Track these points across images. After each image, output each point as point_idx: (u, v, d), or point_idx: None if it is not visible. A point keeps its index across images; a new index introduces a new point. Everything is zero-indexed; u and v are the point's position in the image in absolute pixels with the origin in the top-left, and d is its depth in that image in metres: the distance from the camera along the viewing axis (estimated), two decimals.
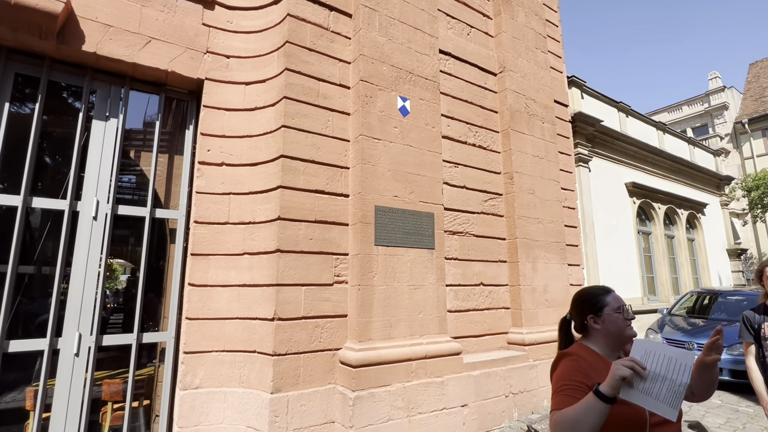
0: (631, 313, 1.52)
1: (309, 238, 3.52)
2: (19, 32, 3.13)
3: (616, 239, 8.58)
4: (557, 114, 5.98)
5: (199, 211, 3.59)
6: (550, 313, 4.91)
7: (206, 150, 3.71)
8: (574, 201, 6.07)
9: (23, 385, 3.22)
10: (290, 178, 3.51)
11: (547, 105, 5.62)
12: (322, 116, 3.78)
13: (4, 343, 3.00)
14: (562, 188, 5.69)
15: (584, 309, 1.55)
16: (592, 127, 8.04)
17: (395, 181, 3.90)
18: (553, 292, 5.02)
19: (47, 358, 3.10)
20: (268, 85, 3.81)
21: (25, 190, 3.18)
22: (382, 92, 3.99)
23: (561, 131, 6.05)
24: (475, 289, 4.55)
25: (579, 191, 7.73)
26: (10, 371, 3.10)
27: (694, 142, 12.49)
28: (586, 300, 1.56)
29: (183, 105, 4.01)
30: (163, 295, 3.77)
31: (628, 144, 9.19)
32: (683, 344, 6.04)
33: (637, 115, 10.04)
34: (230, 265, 3.57)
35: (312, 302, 3.45)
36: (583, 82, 8.40)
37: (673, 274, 10.50)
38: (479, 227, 4.71)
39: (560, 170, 5.73)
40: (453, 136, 4.68)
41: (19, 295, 3.16)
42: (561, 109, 6.18)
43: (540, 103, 5.53)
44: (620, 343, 1.49)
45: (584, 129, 7.97)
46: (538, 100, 5.51)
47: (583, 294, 1.59)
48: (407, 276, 3.81)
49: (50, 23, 3.13)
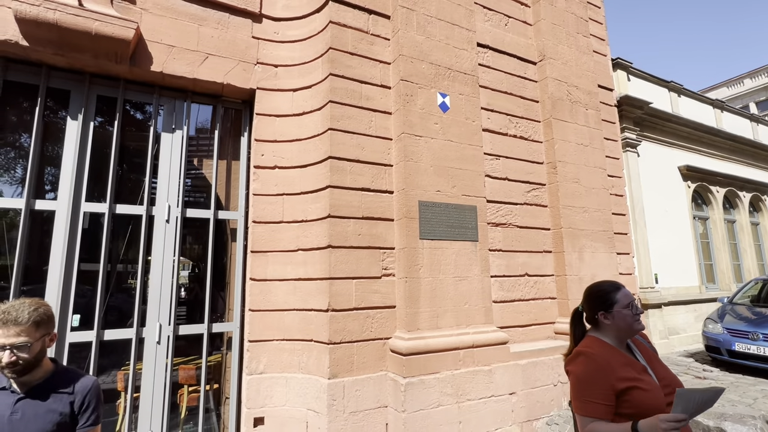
0: (639, 308, 1.60)
1: (357, 234, 3.71)
2: (99, 59, 3.52)
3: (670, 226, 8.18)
4: (601, 99, 5.80)
5: (256, 212, 3.88)
6: None
7: (260, 154, 3.99)
8: (622, 188, 5.90)
9: (115, 369, 3.68)
10: (338, 177, 3.71)
11: (590, 91, 5.47)
12: (365, 117, 3.95)
13: (100, 332, 3.44)
14: (608, 175, 5.55)
15: (595, 305, 1.64)
16: (639, 110, 7.68)
17: (437, 176, 4.00)
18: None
19: (135, 346, 3.52)
20: (314, 90, 4.02)
21: (110, 198, 3.60)
22: (422, 90, 4.09)
23: (606, 117, 5.87)
24: (520, 279, 4.57)
25: (627, 177, 7.44)
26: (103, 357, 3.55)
27: (757, 119, 11.52)
28: (597, 296, 1.64)
29: (238, 114, 4.32)
30: (227, 289, 4.12)
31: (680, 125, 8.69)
32: (747, 334, 5.71)
33: (690, 94, 9.43)
34: (286, 260, 3.84)
35: (362, 294, 3.65)
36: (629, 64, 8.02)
37: (735, 260, 9.83)
38: (522, 218, 4.72)
39: (606, 157, 5.58)
40: (493, 128, 4.70)
41: (110, 290, 3.60)
42: (605, 94, 5.98)
43: (583, 89, 5.40)
44: (629, 336, 1.59)
45: (631, 112, 7.63)
46: (580, 86, 5.38)
47: (594, 290, 1.67)
48: (452, 268, 3.92)
49: (124, 48, 3.50)
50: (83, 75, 3.67)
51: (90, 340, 3.38)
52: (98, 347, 3.41)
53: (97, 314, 3.41)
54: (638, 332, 1.58)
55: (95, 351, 3.38)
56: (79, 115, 3.63)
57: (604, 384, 1.44)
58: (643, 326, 1.59)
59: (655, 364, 1.56)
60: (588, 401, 1.45)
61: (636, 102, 7.54)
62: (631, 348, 1.62)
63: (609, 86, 6.09)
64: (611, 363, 1.48)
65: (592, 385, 1.46)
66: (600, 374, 1.46)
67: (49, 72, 3.57)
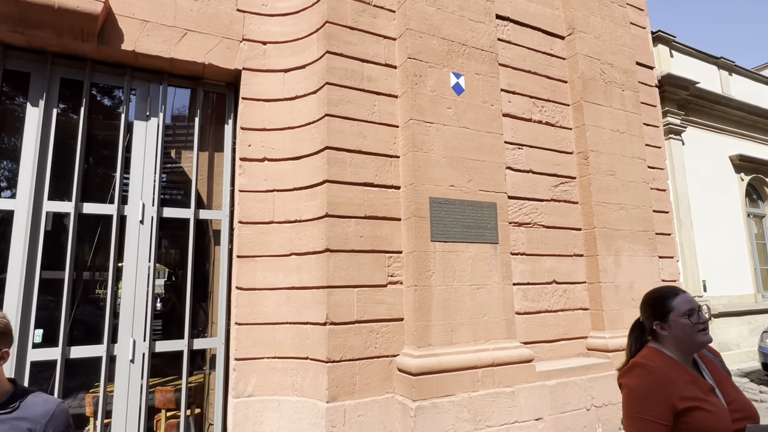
0: (703, 317, 1.52)
1: (359, 236, 3.61)
2: (62, 36, 3.45)
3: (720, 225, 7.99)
4: (640, 78, 5.65)
5: (243, 211, 3.80)
6: (637, 314, 4.69)
7: (247, 145, 3.90)
8: (664, 181, 5.74)
9: (83, 392, 3.61)
10: (336, 171, 3.61)
11: (627, 69, 5.32)
12: (368, 101, 3.84)
13: (66, 349, 3.37)
14: (648, 167, 5.40)
15: (650, 314, 1.59)
16: (684, 90, 7.51)
17: (451, 169, 3.89)
18: (641, 290, 4.80)
19: (105, 365, 3.45)
20: (308, 70, 3.92)
21: (76, 196, 3.53)
22: (433, 69, 3.98)
23: (646, 99, 5.72)
24: (547, 287, 4.45)
25: (670, 169, 7.29)
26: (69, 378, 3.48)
27: None
28: (651, 304, 1.60)
29: (221, 98, 4.23)
30: (209, 300, 4.04)
31: (732, 108, 8.48)
32: None
33: (743, 72, 9.20)
34: (277, 266, 3.75)
35: (365, 305, 3.55)
36: (672, 37, 7.83)
37: None
38: (549, 217, 4.59)
39: (646, 146, 5.45)
40: (515, 113, 4.57)
41: (76, 301, 3.53)
42: (645, 73, 5.82)
43: (618, 67, 5.25)
44: (692, 350, 1.51)
45: (675, 94, 7.46)
46: (615, 63, 5.23)
47: (648, 297, 1.62)
48: (468, 274, 3.80)
49: (91, 24, 3.43)
50: (45, 55, 3.61)
51: (54, 358, 3.32)
52: (64, 366, 3.34)
53: (63, 329, 3.35)
54: (703, 346, 1.51)
55: (60, 371, 3.31)
56: (40, 101, 3.57)
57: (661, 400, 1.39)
58: (709, 339, 1.50)
59: (726, 385, 1.49)
60: (641, 419, 1.40)
61: (680, 81, 7.37)
62: (699, 365, 1.55)
63: (649, 64, 5.93)
64: (672, 378, 1.43)
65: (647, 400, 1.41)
66: (658, 389, 1.41)
67: (5, 52, 3.51)
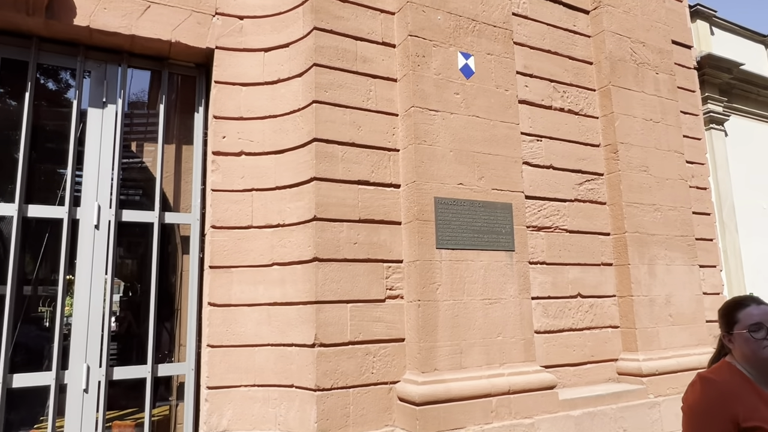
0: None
1: (353, 243, 3.73)
2: (4, 10, 3.54)
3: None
4: (677, 60, 5.84)
5: (217, 214, 3.90)
6: (675, 333, 4.86)
7: (221, 137, 4.01)
8: (705, 178, 5.92)
9: (27, 427, 3.67)
10: (326, 166, 3.72)
11: (661, 48, 5.51)
12: (363, 85, 3.97)
13: (7, 377, 3.44)
14: (687, 161, 5.58)
15: (720, 324, 1.75)
16: (727, 73, 7.72)
17: (459, 164, 4.02)
18: (679, 304, 4.96)
19: (54, 395, 3.51)
20: (292, 50, 4.04)
21: (19, 197, 3.60)
22: (438, 49, 4.12)
23: (683, 83, 5.91)
24: (571, 302, 4.60)
25: (712, 164, 7.48)
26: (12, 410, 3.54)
27: None
28: (722, 314, 1.76)
29: (190, 82, 4.34)
30: (176, 319, 4.12)
31: None
32: None
33: None
34: (257, 278, 3.85)
35: (360, 323, 3.66)
36: (713, 12, 8.07)
37: None
38: (573, 220, 4.75)
39: (684, 137, 5.61)
40: (533, 99, 4.73)
41: (19, 321, 3.60)
42: (682, 53, 6.02)
43: (651, 46, 5.44)
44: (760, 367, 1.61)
45: (716, 77, 7.67)
46: (648, 42, 5.42)
47: (722, 306, 1.79)
48: (480, 287, 3.93)
49: None
50: None
51: None
52: (4, 397, 3.40)
53: (3, 353, 3.41)
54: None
55: (0, 403, 3.37)
56: None
57: (723, 418, 1.50)
58: None
59: None
60: None
61: (722, 63, 7.56)
62: None
63: (686, 42, 6.13)
64: (738, 394, 1.54)
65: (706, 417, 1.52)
66: (719, 405, 1.52)
67: None
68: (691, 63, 6.18)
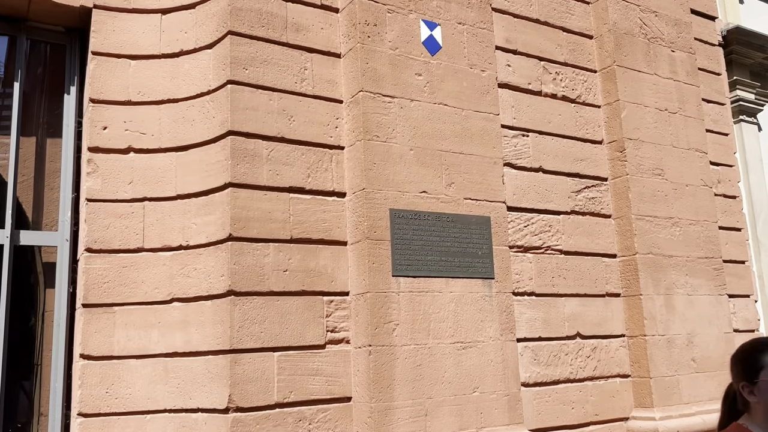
0: None
1: (282, 270, 3.74)
2: None
3: None
4: (697, 34, 6.12)
5: (94, 232, 3.83)
6: (700, 383, 5.03)
7: (101, 127, 3.96)
8: (734, 185, 6.17)
9: None
10: (246, 169, 3.74)
11: (678, 19, 5.78)
12: (295, 62, 4.02)
13: None
14: (711, 163, 5.81)
15: (737, 372, 1.84)
16: (760, 52, 8.01)
17: (422, 167, 4.11)
18: (705, 346, 5.14)
19: None
20: (200, 12, 4.06)
21: None
22: (394, 15, 4.22)
23: (705, 63, 6.19)
24: (568, 344, 4.71)
25: (742, 166, 7.68)
26: None
27: None
28: (740, 359, 1.85)
29: (58, 52, 4.29)
30: (36, 377, 4.00)
31: None
32: None
33: None
34: (150, 320, 3.80)
35: (291, 378, 3.66)
36: None
37: None
38: (569, 238, 4.90)
39: (707, 132, 5.86)
40: (517, 82, 4.89)
41: None
42: (704, 25, 6.32)
43: (665, 16, 5.70)
44: None
45: (747, 56, 7.97)
46: (662, 11, 5.68)
47: (738, 349, 1.89)
48: (450, 327, 4.01)
49: None
50: None
51: None
52: None
53: None
54: None
55: None
56: None
57: None
58: None
59: None
60: None
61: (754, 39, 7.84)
62: None
63: (709, 12, 6.43)
64: None
65: None
66: None
67: None
68: (715, 38, 6.47)
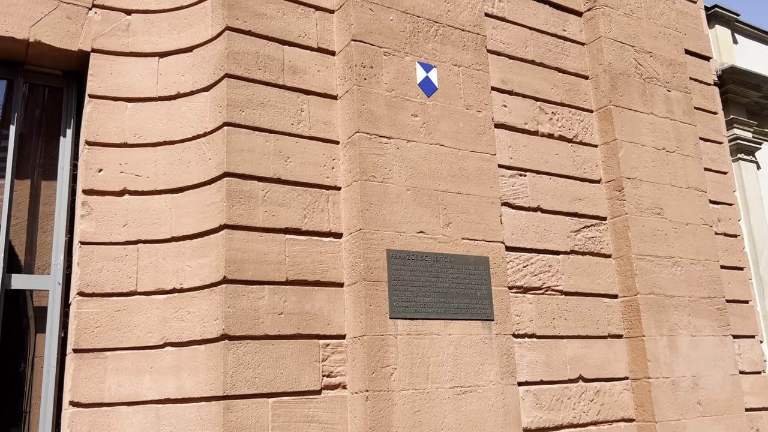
0: None
1: (277, 312, 3.71)
2: None
3: None
4: (692, 74, 6.21)
5: (87, 275, 3.81)
6: (707, 427, 4.96)
7: (96, 169, 3.97)
8: (734, 223, 6.18)
9: None
10: (242, 210, 3.74)
11: (672, 59, 5.87)
12: (292, 104, 4.06)
13: None
14: (710, 201, 5.84)
15: None
16: (756, 91, 8.11)
17: (419, 207, 4.12)
18: (710, 388, 5.09)
19: None
20: (198, 55, 4.11)
21: None
22: (390, 58, 4.28)
23: (701, 102, 6.26)
24: (570, 387, 4.66)
25: (742, 204, 7.71)
26: None
27: None
28: None
29: (55, 95, 4.32)
30: (25, 425, 3.93)
31: None
32: None
33: None
34: (142, 366, 3.75)
35: (286, 425, 3.60)
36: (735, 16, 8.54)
37: None
38: (569, 278, 4.88)
39: (705, 170, 5.91)
40: (514, 123, 4.93)
41: None
42: (699, 65, 6.41)
43: (660, 56, 5.79)
44: None
45: (743, 95, 8.05)
46: (656, 51, 5.77)
47: None
48: (449, 371, 3.96)
49: None
50: None
51: None
52: None
53: None
54: None
55: None
56: None
57: None
58: None
59: None
60: None
61: (750, 78, 7.94)
62: None
63: (703, 52, 6.53)
64: None
65: None
66: None
67: None
68: (710, 78, 6.57)
